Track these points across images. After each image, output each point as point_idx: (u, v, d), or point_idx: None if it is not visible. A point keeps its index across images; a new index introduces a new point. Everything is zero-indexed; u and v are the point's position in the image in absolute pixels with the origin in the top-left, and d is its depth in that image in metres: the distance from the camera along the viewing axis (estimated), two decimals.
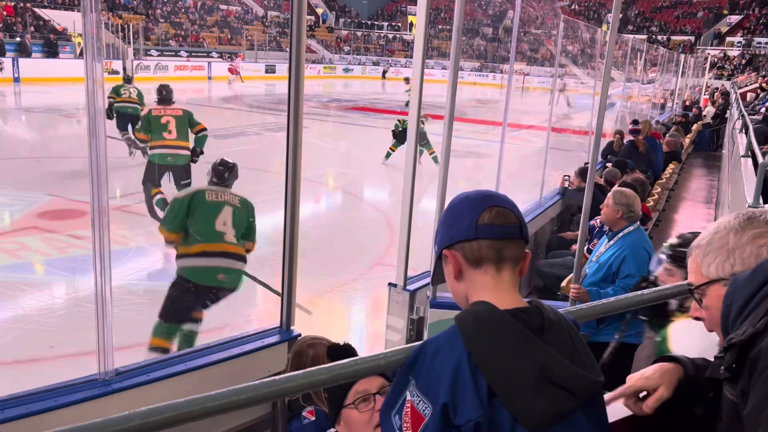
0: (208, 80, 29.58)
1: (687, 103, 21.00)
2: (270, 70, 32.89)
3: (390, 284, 3.33)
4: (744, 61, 36.77)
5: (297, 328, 2.80)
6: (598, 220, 4.34)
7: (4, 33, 24.60)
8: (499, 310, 1.09)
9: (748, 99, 19.99)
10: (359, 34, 48.34)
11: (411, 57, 8.48)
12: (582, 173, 5.97)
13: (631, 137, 8.20)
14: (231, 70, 28.64)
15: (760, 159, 5.04)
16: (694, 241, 1.26)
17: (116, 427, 0.99)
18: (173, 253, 3.95)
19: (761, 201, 3.95)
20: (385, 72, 24.37)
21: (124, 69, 20.42)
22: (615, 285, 3.36)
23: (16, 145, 11.82)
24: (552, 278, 4.71)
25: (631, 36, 24.89)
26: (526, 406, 1.02)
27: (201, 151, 6.82)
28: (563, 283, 4.00)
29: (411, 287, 3.29)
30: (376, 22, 50.39)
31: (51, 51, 25.18)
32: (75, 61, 23.86)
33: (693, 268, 1.24)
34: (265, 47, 36.94)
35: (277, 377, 1.18)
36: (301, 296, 2.87)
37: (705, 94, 26.95)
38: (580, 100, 13.10)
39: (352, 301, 5.48)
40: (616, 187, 3.90)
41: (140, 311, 4.42)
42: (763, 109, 14.07)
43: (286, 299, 2.74)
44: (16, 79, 22.09)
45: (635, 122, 8.75)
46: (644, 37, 36.25)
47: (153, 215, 6.68)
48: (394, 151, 11.01)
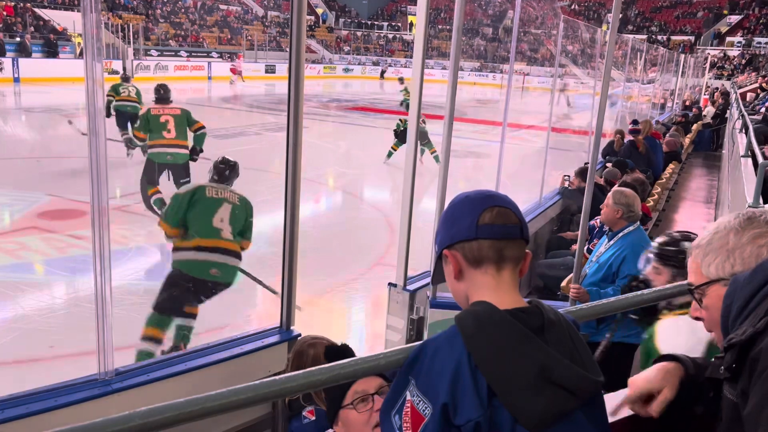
0: (208, 80, 29.58)
1: (687, 103, 20.99)
2: (270, 70, 32.89)
3: (390, 284, 3.33)
4: (744, 61, 36.78)
5: (297, 328, 2.80)
6: (598, 220, 4.34)
7: (4, 33, 24.60)
8: (499, 310, 1.09)
9: (748, 99, 19.97)
10: (359, 34, 48.34)
11: (411, 57, 8.47)
12: (582, 173, 5.97)
13: (631, 137, 8.20)
14: (233, 70, 28.61)
15: (760, 159, 5.04)
16: (694, 241, 1.26)
17: (116, 427, 0.99)
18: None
19: (761, 201, 3.96)
20: (383, 72, 24.31)
21: (124, 69, 20.41)
22: (615, 285, 3.36)
23: (16, 145, 11.82)
24: (552, 278, 4.71)
25: (631, 36, 24.89)
26: (526, 406, 1.02)
27: (201, 150, 6.86)
28: (563, 283, 4.00)
29: (411, 287, 3.29)
30: (376, 22, 50.39)
31: (51, 51, 25.17)
32: (75, 61, 23.86)
33: (693, 268, 1.24)
34: (265, 47, 36.94)
35: (277, 377, 1.18)
36: (301, 296, 2.87)
37: (705, 94, 26.95)
38: (580, 100, 13.09)
39: (352, 301, 5.48)
40: (616, 187, 3.90)
41: (140, 311, 4.41)
42: (763, 109, 14.06)
43: (286, 299, 2.74)
44: (16, 79, 22.09)
45: (635, 122, 8.75)
46: (644, 37, 36.25)
47: (151, 210, 6.71)
48: (395, 150, 11.03)
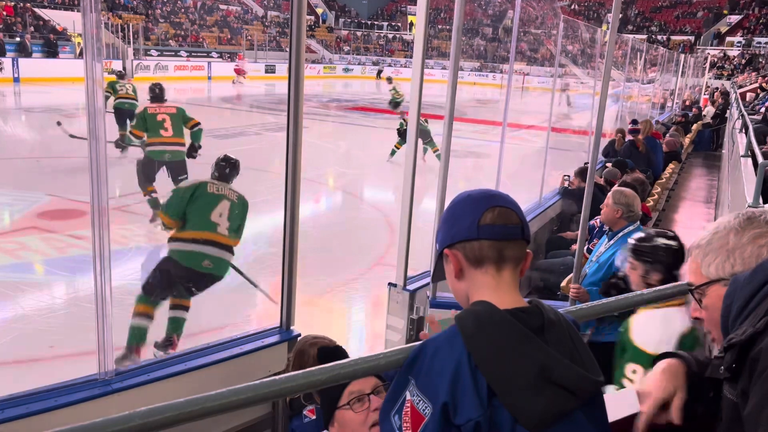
0: (207, 80, 29.57)
1: (687, 103, 21.00)
2: (270, 70, 32.87)
3: (390, 284, 3.33)
4: (744, 61, 36.77)
5: (297, 328, 2.80)
6: (598, 220, 4.34)
7: (4, 33, 24.59)
8: (499, 310, 1.09)
9: (747, 99, 19.99)
10: (359, 34, 48.32)
11: (411, 57, 8.47)
12: (582, 173, 5.96)
13: (631, 137, 8.20)
14: (237, 71, 28.48)
15: (760, 159, 5.03)
16: (694, 241, 1.25)
17: (116, 427, 0.99)
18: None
19: (761, 201, 3.95)
20: (380, 72, 24.21)
21: (124, 68, 20.40)
22: None
23: (16, 145, 11.82)
24: (552, 278, 4.70)
25: (631, 36, 24.88)
26: (526, 405, 1.02)
27: (199, 146, 6.99)
28: (563, 283, 3.99)
29: (411, 287, 3.29)
30: (376, 22, 50.37)
31: (51, 51, 25.16)
32: (75, 61, 23.83)
33: (693, 268, 1.24)
34: (265, 47, 36.92)
35: (277, 377, 1.17)
36: (301, 296, 2.87)
37: (705, 94, 26.94)
38: (580, 100, 13.09)
39: (352, 301, 5.48)
40: (616, 187, 3.90)
41: None
42: (762, 109, 14.07)
43: (286, 299, 2.74)
44: (16, 79, 22.09)
45: (634, 122, 8.75)
46: (644, 37, 36.25)
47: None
48: (398, 148, 11.07)
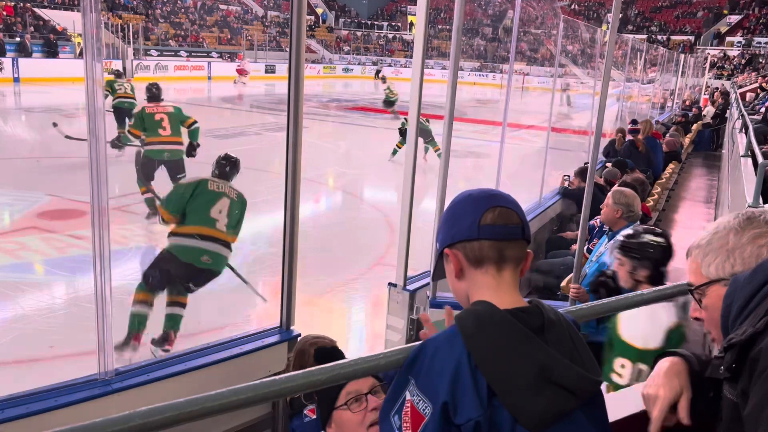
0: (207, 80, 29.56)
1: (687, 103, 20.99)
2: (270, 70, 32.85)
3: (390, 284, 3.33)
4: (744, 61, 36.76)
5: (297, 328, 2.80)
6: (598, 220, 4.34)
7: (4, 33, 24.58)
8: (499, 310, 1.09)
9: (747, 99, 19.98)
10: (359, 34, 48.31)
11: (411, 57, 8.47)
12: (581, 173, 5.96)
13: (631, 137, 8.20)
14: (239, 71, 28.40)
15: (760, 159, 5.03)
16: (694, 241, 1.25)
17: (116, 427, 0.99)
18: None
19: (761, 201, 3.96)
20: (378, 72, 24.26)
21: (124, 69, 20.37)
22: None
23: (16, 145, 11.81)
24: (552, 278, 4.70)
25: (631, 36, 24.88)
26: (526, 405, 1.02)
27: (198, 144, 7.04)
28: (563, 283, 3.99)
29: (411, 287, 3.29)
30: (376, 22, 50.35)
31: (51, 51, 25.15)
32: (75, 61, 23.82)
33: (693, 269, 1.24)
34: (265, 47, 36.91)
35: (277, 377, 1.17)
36: (301, 296, 2.87)
37: (705, 94, 26.94)
38: (580, 100, 13.09)
39: (352, 301, 5.47)
40: (615, 187, 3.90)
41: None
42: (762, 109, 14.06)
43: (286, 299, 2.74)
44: (16, 79, 22.08)
45: (634, 122, 8.75)
46: (644, 36, 36.24)
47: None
48: (400, 148, 11.07)
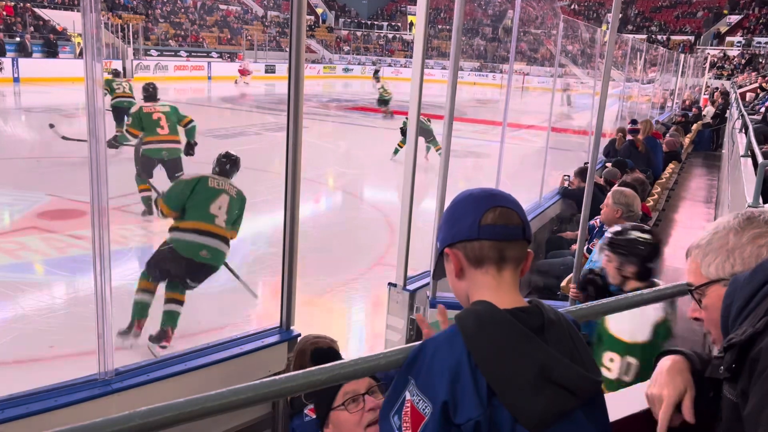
0: (207, 80, 29.56)
1: (687, 103, 20.99)
2: (270, 70, 32.84)
3: (390, 284, 3.33)
4: (744, 61, 36.76)
5: (297, 327, 2.80)
6: (598, 220, 4.34)
7: (4, 33, 24.57)
8: (499, 310, 1.09)
9: (747, 99, 19.98)
10: (359, 34, 48.31)
11: (411, 57, 8.47)
12: (581, 173, 5.96)
13: (631, 137, 8.20)
14: (242, 71, 28.35)
15: (760, 159, 5.03)
16: (693, 242, 1.25)
17: (116, 427, 0.99)
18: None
19: (761, 201, 3.96)
20: (376, 72, 24.17)
21: (124, 68, 20.37)
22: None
23: (16, 145, 11.81)
24: (552, 278, 4.70)
25: (631, 36, 24.87)
26: (526, 405, 1.02)
27: (195, 143, 7.11)
28: (563, 283, 3.99)
29: (411, 287, 3.29)
30: (376, 22, 50.35)
31: (51, 51, 25.15)
32: (75, 61, 23.82)
33: (692, 269, 1.24)
34: (265, 47, 36.90)
35: (277, 377, 1.17)
36: (301, 296, 2.87)
37: (705, 94, 26.94)
38: (580, 100, 13.09)
39: (352, 301, 5.47)
40: (615, 187, 3.90)
41: None
42: (762, 109, 14.06)
43: (286, 299, 2.74)
44: (16, 79, 22.08)
45: (633, 122, 8.75)
46: (644, 36, 36.24)
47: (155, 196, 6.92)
48: (402, 147, 11.08)
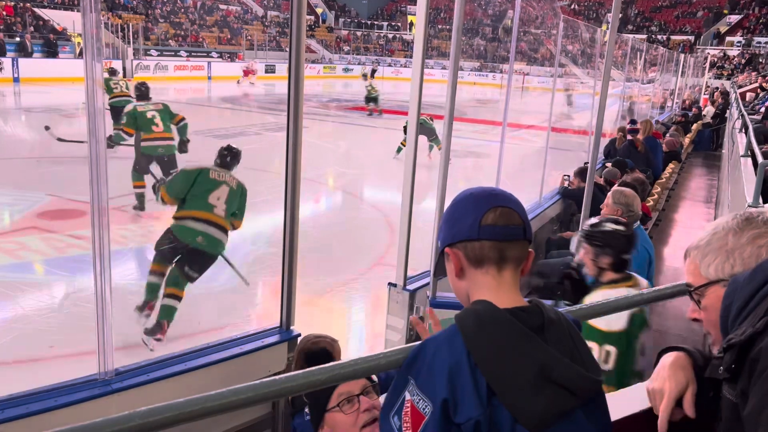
0: (207, 80, 29.57)
1: (687, 103, 21.00)
2: (270, 70, 32.83)
3: (390, 284, 3.33)
4: (744, 61, 36.76)
5: (297, 328, 2.80)
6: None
7: (4, 33, 24.57)
8: (499, 309, 1.09)
9: (747, 99, 19.99)
10: (359, 33, 48.31)
11: (411, 57, 8.47)
12: (581, 173, 5.96)
13: (630, 137, 8.21)
14: (246, 72, 28.25)
15: (760, 159, 5.03)
16: (692, 242, 1.25)
17: (116, 427, 0.99)
18: None
19: (761, 201, 3.96)
20: (374, 71, 24.14)
21: (124, 68, 20.35)
22: None
23: (16, 145, 11.81)
24: (552, 278, 4.70)
25: (631, 36, 24.87)
26: (526, 405, 1.01)
27: (187, 140, 7.24)
28: None
29: (411, 287, 3.29)
30: (376, 22, 50.34)
31: (51, 51, 25.14)
32: (75, 61, 23.82)
33: (691, 269, 1.23)
34: (265, 47, 36.90)
35: (277, 377, 1.17)
36: (301, 296, 2.87)
37: (705, 94, 26.94)
38: (580, 100, 13.10)
39: (352, 301, 5.48)
40: (615, 187, 3.90)
41: None
42: (762, 109, 14.08)
43: (286, 299, 2.74)
44: (16, 79, 22.09)
45: (633, 122, 8.75)
46: (644, 36, 36.24)
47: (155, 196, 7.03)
48: (404, 146, 11.07)
